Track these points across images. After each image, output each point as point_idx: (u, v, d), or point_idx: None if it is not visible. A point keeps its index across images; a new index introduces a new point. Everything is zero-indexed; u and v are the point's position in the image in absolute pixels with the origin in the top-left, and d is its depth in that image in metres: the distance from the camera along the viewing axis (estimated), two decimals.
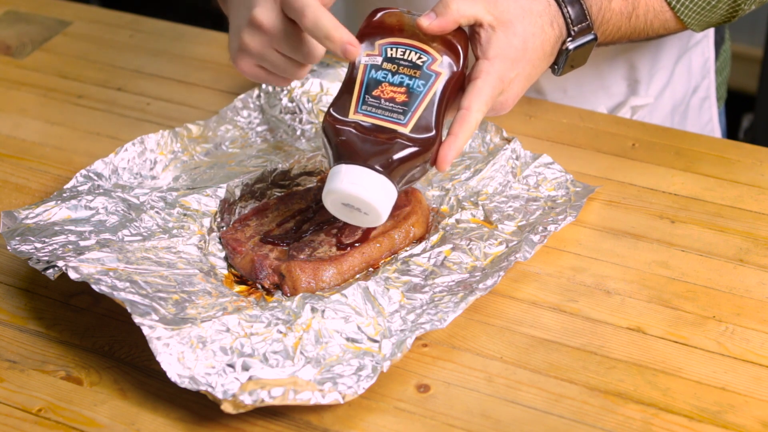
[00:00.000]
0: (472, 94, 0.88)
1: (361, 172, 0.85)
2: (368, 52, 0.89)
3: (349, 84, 0.88)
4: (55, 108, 1.15)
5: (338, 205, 0.88)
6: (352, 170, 0.85)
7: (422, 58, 0.88)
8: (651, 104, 1.20)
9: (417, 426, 0.81)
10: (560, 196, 0.98)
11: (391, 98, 0.87)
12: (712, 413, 0.81)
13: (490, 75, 0.89)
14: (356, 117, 0.87)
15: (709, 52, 1.24)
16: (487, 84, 0.88)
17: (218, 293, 0.88)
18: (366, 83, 0.88)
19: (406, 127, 0.86)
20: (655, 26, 1.03)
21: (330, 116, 0.88)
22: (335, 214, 0.89)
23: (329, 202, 0.88)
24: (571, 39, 0.95)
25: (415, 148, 0.86)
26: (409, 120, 0.86)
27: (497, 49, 0.89)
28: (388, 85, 0.88)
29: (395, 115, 0.86)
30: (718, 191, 1.01)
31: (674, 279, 0.92)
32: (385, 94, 0.87)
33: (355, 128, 0.86)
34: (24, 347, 0.87)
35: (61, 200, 0.95)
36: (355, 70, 0.89)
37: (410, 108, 0.87)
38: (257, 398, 0.78)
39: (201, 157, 1.03)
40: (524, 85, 0.92)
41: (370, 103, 0.87)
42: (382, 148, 0.86)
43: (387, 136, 0.86)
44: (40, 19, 1.29)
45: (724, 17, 1.04)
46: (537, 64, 0.93)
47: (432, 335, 0.87)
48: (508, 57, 0.90)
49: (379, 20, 0.90)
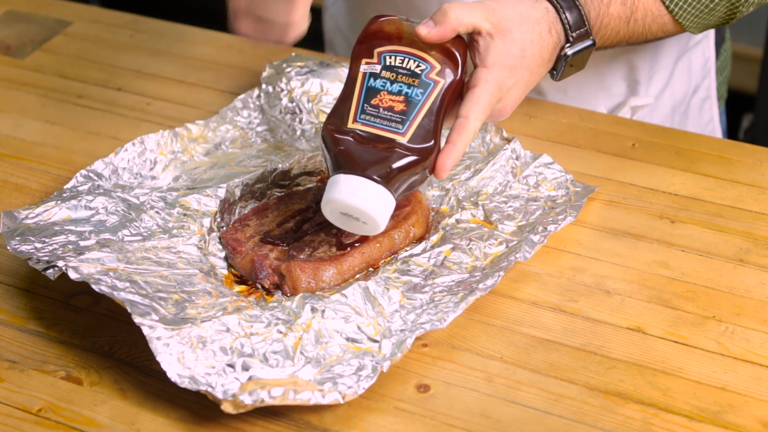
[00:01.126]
0: (471, 103, 0.88)
1: (360, 182, 0.85)
2: (367, 60, 0.89)
3: (348, 92, 0.89)
4: (55, 108, 1.15)
5: (337, 214, 0.88)
6: (351, 180, 0.86)
7: (421, 66, 0.88)
8: (651, 104, 1.20)
9: (417, 426, 0.81)
10: (560, 196, 0.98)
11: (390, 107, 0.87)
12: (712, 413, 0.81)
13: (488, 83, 0.89)
14: (355, 126, 0.87)
15: (709, 52, 1.24)
16: (486, 92, 0.89)
17: (218, 293, 0.88)
18: (365, 92, 0.88)
19: (405, 136, 0.87)
20: (654, 29, 1.03)
21: (329, 125, 0.88)
22: (334, 222, 0.89)
23: (328, 212, 0.88)
24: (569, 45, 0.95)
25: (413, 157, 0.86)
26: (407, 129, 0.87)
27: (495, 56, 0.89)
28: (387, 94, 0.88)
29: (393, 124, 0.87)
30: (718, 191, 1.01)
31: (674, 279, 0.92)
32: (383, 102, 0.88)
33: (354, 138, 0.87)
34: (24, 347, 0.87)
35: (61, 200, 0.95)
36: (354, 78, 0.89)
37: (408, 117, 0.87)
38: (257, 398, 0.78)
39: (201, 157, 1.03)
40: (522, 92, 0.93)
41: (368, 112, 0.87)
42: (380, 158, 0.86)
43: (385, 145, 0.86)
44: (40, 19, 1.29)
45: (722, 19, 1.04)
46: (535, 71, 0.93)
47: (432, 335, 0.87)
48: (506, 65, 0.90)
49: (377, 28, 0.91)
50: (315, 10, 1.15)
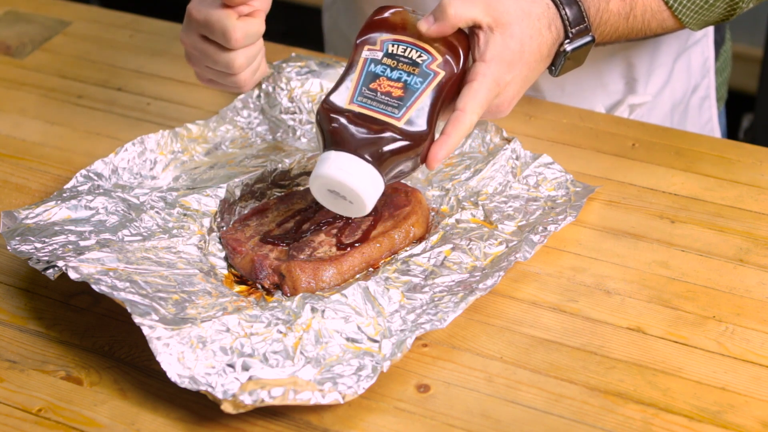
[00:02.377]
0: (468, 96, 0.88)
1: (350, 159, 0.85)
2: (369, 47, 0.89)
3: (348, 75, 0.89)
4: (55, 108, 1.15)
5: (324, 192, 0.88)
6: (341, 157, 0.85)
7: (422, 57, 0.88)
8: (650, 103, 1.20)
9: (417, 426, 0.81)
10: (560, 196, 0.98)
11: (388, 92, 0.87)
12: (712, 413, 0.81)
13: (486, 78, 0.89)
14: (351, 107, 0.87)
15: (708, 52, 1.24)
16: (483, 86, 0.89)
17: (218, 293, 0.88)
18: (364, 75, 0.88)
19: (400, 120, 0.86)
20: (653, 26, 1.03)
21: (325, 104, 0.88)
22: (320, 200, 0.89)
23: (315, 187, 0.88)
24: (569, 41, 0.95)
25: (406, 141, 0.86)
26: (403, 114, 0.87)
27: (494, 51, 0.89)
28: (386, 80, 0.88)
29: (390, 108, 0.87)
30: (718, 191, 1.01)
31: (674, 279, 0.92)
32: (382, 87, 0.88)
33: (349, 118, 0.87)
34: (24, 347, 0.87)
35: (61, 200, 0.95)
36: (355, 63, 0.89)
37: (405, 103, 0.87)
38: (257, 398, 0.78)
39: (201, 157, 1.03)
40: (521, 87, 0.93)
41: (366, 95, 0.87)
42: (373, 139, 0.86)
43: (379, 127, 0.86)
44: (40, 19, 1.29)
45: (722, 16, 1.04)
46: (534, 66, 0.93)
47: (432, 335, 0.87)
48: (504, 60, 0.90)
49: (383, 17, 0.91)
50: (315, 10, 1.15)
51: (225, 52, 0.94)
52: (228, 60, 0.94)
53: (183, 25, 0.96)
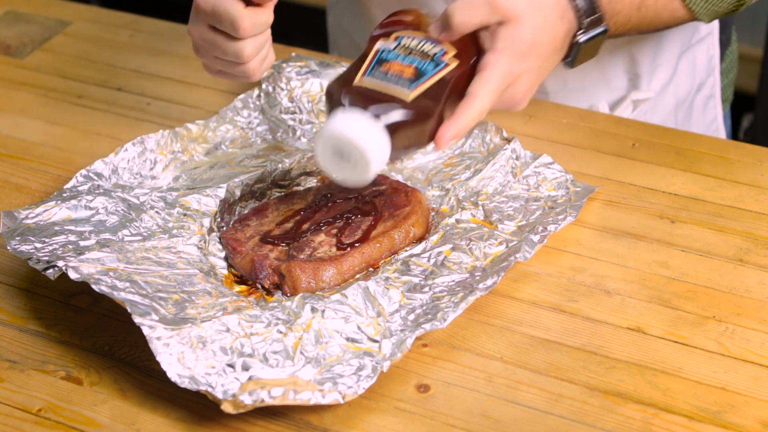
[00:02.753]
0: (479, 83, 0.88)
1: (358, 116, 0.85)
2: (383, 40, 0.90)
3: (359, 62, 0.89)
4: (55, 108, 1.15)
5: (328, 154, 0.86)
6: (349, 113, 0.85)
7: (435, 50, 0.89)
8: (653, 99, 1.20)
9: (417, 426, 0.81)
10: (560, 196, 0.98)
11: (399, 72, 0.87)
12: (712, 413, 0.81)
13: (496, 67, 0.89)
14: (362, 83, 0.87)
15: (713, 50, 1.23)
16: (494, 74, 0.88)
17: (218, 293, 0.88)
18: (377, 59, 0.88)
19: (409, 95, 0.86)
20: (664, 16, 1.02)
21: (334, 83, 0.88)
22: (322, 164, 0.87)
23: (320, 149, 0.86)
24: (582, 31, 0.94)
25: (412, 113, 0.86)
26: (412, 90, 0.86)
27: (505, 42, 0.89)
28: (398, 63, 0.88)
29: (400, 83, 0.86)
30: (718, 191, 1.01)
31: (674, 279, 0.92)
32: (393, 68, 0.87)
33: (358, 89, 0.86)
34: (24, 347, 0.87)
35: (61, 200, 0.95)
36: (367, 53, 0.89)
37: (416, 81, 0.87)
38: (257, 398, 0.78)
39: (201, 157, 1.03)
40: (535, 79, 0.92)
41: (377, 74, 0.87)
42: (381, 106, 0.85)
43: (389, 97, 0.86)
44: (40, 19, 1.29)
45: (732, 6, 1.04)
46: (547, 58, 0.92)
47: (432, 335, 0.87)
48: (516, 51, 0.89)
49: (398, 18, 0.92)
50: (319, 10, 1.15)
51: (233, 41, 0.93)
52: (237, 49, 0.94)
53: (190, 17, 0.95)
